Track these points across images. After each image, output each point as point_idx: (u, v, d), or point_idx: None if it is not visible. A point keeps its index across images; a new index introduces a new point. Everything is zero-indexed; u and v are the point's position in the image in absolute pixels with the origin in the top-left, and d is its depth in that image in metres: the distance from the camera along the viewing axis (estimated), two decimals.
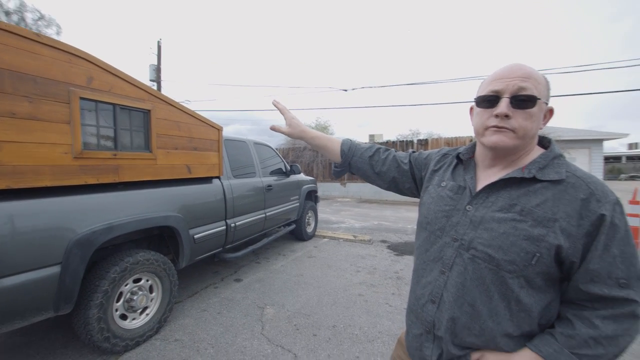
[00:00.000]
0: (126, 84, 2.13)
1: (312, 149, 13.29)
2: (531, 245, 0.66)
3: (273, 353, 2.20)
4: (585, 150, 16.15)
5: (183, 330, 2.48)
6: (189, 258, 2.74)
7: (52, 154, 1.73)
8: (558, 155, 0.72)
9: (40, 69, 1.66)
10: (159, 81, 12.56)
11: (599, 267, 0.64)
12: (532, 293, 0.68)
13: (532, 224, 0.66)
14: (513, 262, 0.67)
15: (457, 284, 0.74)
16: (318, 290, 3.27)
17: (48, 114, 1.71)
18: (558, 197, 0.66)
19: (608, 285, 0.64)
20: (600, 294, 0.64)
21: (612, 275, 0.64)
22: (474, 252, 0.72)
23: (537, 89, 0.69)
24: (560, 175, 0.68)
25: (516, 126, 0.70)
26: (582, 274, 0.66)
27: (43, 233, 1.71)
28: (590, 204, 0.64)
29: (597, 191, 0.65)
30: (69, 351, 2.19)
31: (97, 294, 1.97)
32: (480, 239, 0.72)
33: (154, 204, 2.37)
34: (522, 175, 0.71)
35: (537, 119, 0.70)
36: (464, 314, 0.73)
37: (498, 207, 0.72)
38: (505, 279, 0.68)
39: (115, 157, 2.09)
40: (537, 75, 0.71)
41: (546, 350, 0.66)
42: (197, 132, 2.79)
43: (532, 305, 0.68)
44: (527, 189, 0.70)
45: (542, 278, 0.68)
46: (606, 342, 0.63)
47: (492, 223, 0.71)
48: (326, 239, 5.57)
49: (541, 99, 0.69)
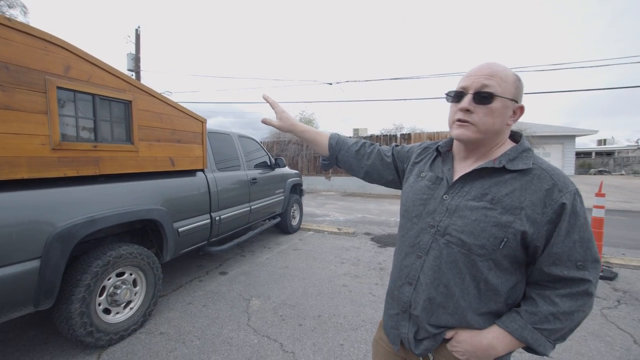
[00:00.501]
0: (106, 74, 2.07)
1: (296, 143, 13.25)
2: (499, 231, 0.72)
3: (259, 343, 2.24)
4: (559, 146, 16.91)
5: (168, 323, 2.48)
6: (174, 251, 2.71)
7: (29, 145, 1.67)
8: (527, 149, 0.79)
9: (13, 56, 1.59)
10: (138, 71, 12.10)
11: (560, 251, 0.71)
12: (500, 274, 0.75)
13: (500, 212, 0.73)
14: (483, 247, 0.73)
15: (434, 267, 0.80)
16: (303, 282, 3.33)
17: (23, 103, 1.64)
18: (525, 187, 0.73)
19: (567, 267, 0.71)
20: (560, 275, 0.72)
21: (572, 258, 0.71)
22: (448, 237, 0.78)
23: (501, 87, 0.74)
24: (527, 165, 0.74)
25: (477, 120, 0.76)
26: (546, 257, 0.72)
27: (20, 227, 1.65)
28: (553, 194, 0.70)
29: (559, 182, 0.71)
30: (49, 347, 2.15)
31: (79, 288, 1.94)
32: (454, 225, 0.78)
33: (136, 197, 2.33)
34: (493, 165, 0.77)
35: (500, 114, 0.75)
36: (440, 294, 0.79)
37: (472, 196, 0.78)
38: (475, 262, 0.75)
39: (95, 148, 2.03)
40: (504, 74, 0.75)
41: (512, 326, 0.74)
42: (180, 124, 2.75)
43: (499, 285, 0.75)
44: (498, 179, 0.76)
45: (509, 261, 0.75)
46: (563, 317, 0.71)
47: (465, 211, 0.77)
48: (311, 232, 5.62)
49: (503, 96, 0.74)
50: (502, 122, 0.77)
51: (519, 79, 0.77)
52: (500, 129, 0.78)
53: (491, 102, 0.74)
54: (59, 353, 2.08)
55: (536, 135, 12.23)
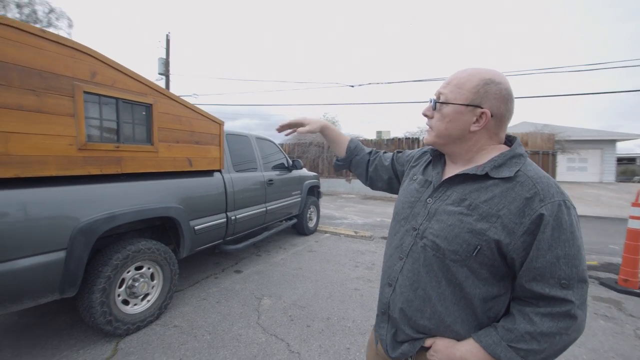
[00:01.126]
0: (129, 79, 2.20)
1: (317, 145, 13.32)
2: (473, 238, 0.70)
3: (267, 341, 2.27)
4: (597, 151, 15.80)
5: (182, 317, 2.58)
6: (190, 248, 2.83)
7: (57, 145, 1.82)
8: (517, 155, 0.74)
9: (45, 64, 1.74)
10: (168, 75, 12.72)
11: (541, 266, 0.66)
12: (478, 284, 0.73)
13: (476, 218, 0.71)
14: (456, 252, 0.72)
15: (412, 269, 0.80)
16: (315, 284, 3.34)
17: (53, 106, 1.79)
18: (504, 195, 0.69)
19: (550, 284, 0.66)
20: (542, 293, 0.67)
21: (555, 275, 0.65)
22: (425, 240, 0.78)
23: (453, 94, 0.75)
24: (510, 173, 0.71)
25: (433, 125, 0.81)
26: (526, 272, 0.68)
27: (50, 220, 1.80)
28: (533, 203, 0.66)
29: (542, 191, 0.67)
30: (74, 332, 2.31)
31: (100, 279, 2.07)
32: (431, 229, 0.77)
33: (155, 195, 2.45)
34: (475, 172, 0.74)
35: (453, 120, 0.76)
36: (417, 297, 0.79)
37: (451, 201, 0.77)
38: (449, 267, 0.74)
39: (117, 149, 2.17)
40: (462, 81, 0.75)
41: (486, 340, 0.70)
42: (198, 126, 2.86)
43: (473, 295, 0.73)
44: (479, 185, 0.74)
45: (488, 271, 0.72)
46: (541, 339, 0.66)
47: (443, 215, 0.76)
48: (328, 234, 5.63)
49: (454, 103, 0.75)
50: (458, 128, 0.76)
51: (486, 84, 0.73)
52: (460, 134, 0.77)
53: (442, 108, 0.77)
54: (82, 338, 2.24)
55: (571, 139, 11.50)
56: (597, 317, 2.76)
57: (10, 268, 1.64)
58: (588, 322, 2.65)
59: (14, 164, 1.65)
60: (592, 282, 3.57)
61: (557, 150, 10.23)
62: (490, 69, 0.76)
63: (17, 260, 1.66)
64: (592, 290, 3.33)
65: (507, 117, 0.76)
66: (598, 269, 3.99)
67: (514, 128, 18.73)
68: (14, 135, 1.65)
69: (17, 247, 1.66)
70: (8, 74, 1.62)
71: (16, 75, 1.64)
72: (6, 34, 1.61)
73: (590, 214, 8.61)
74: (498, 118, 0.75)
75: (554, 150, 9.48)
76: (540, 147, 9.25)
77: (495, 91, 0.73)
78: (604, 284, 3.46)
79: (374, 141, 12.50)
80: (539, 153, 9.18)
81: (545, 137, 9.38)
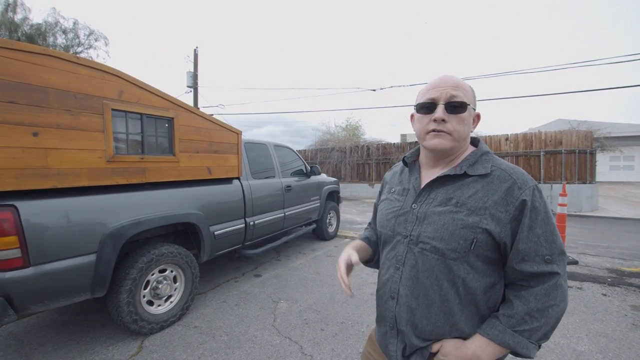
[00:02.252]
0: (152, 95, 2.40)
1: (339, 150, 13.37)
2: (468, 232, 0.73)
3: (281, 344, 2.33)
4: None
5: (203, 318, 2.71)
6: (210, 253, 2.97)
7: (89, 159, 2.02)
8: (485, 152, 0.82)
9: (79, 86, 1.95)
10: (196, 87, 13.39)
11: (526, 247, 0.72)
12: (477, 277, 0.76)
13: (467, 214, 0.74)
14: (455, 250, 0.75)
15: (411, 277, 0.81)
16: (332, 288, 3.37)
17: (86, 124, 1.99)
18: (487, 188, 0.75)
19: (536, 262, 0.72)
20: (531, 271, 0.72)
21: (539, 252, 0.72)
22: (422, 245, 0.79)
23: (466, 97, 0.80)
24: (486, 170, 0.77)
25: (451, 129, 0.78)
26: (514, 255, 0.74)
27: (82, 226, 2.00)
28: (513, 192, 0.72)
29: (518, 179, 0.74)
30: (105, 330, 2.51)
31: (126, 281, 2.24)
32: (426, 232, 0.79)
33: (177, 202, 2.62)
34: (455, 172, 0.79)
35: (468, 122, 0.81)
36: (420, 304, 0.79)
37: (438, 202, 0.80)
38: (451, 267, 0.76)
39: (142, 160, 2.36)
40: (464, 85, 0.81)
41: (492, 332, 0.73)
42: (217, 137, 3.03)
43: (476, 289, 0.76)
44: (460, 183, 0.78)
45: (483, 262, 0.75)
46: (538, 314, 0.71)
47: (434, 217, 0.79)
48: (348, 239, 5.63)
49: (470, 105, 0.79)
50: (469, 130, 0.82)
51: (473, 89, 0.83)
52: (466, 136, 0.82)
53: (463, 112, 0.78)
54: (111, 336, 2.42)
55: (611, 136, 10.65)
56: (636, 327, 2.55)
57: (49, 269, 1.84)
58: (625, 332, 2.47)
59: (52, 176, 1.86)
60: (633, 290, 3.30)
61: (596, 149, 9.53)
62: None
63: (54, 262, 1.86)
64: (632, 299, 3.08)
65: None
66: None
67: (547, 126, 17.66)
68: (53, 151, 1.86)
69: (54, 251, 1.86)
70: (48, 98, 1.84)
71: (55, 98, 1.86)
72: (47, 62, 1.83)
73: (635, 217, 7.92)
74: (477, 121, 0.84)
75: (592, 148, 8.82)
76: (576, 146, 8.63)
77: (475, 97, 0.82)
78: None
79: (398, 144, 12.32)
80: (575, 152, 8.57)
81: (581, 134, 8.76)
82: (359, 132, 18.20)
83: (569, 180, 8.66)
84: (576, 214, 8.31)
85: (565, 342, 2.33)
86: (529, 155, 9.22)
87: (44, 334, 2.48)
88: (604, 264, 4.17)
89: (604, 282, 3.49)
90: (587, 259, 4.38)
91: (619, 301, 3.03)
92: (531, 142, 9.26)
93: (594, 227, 6.92)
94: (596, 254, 4.68)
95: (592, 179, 8.71)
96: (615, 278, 3.63)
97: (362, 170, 12.99)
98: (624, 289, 3.34)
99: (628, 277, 3.65)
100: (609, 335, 2.44)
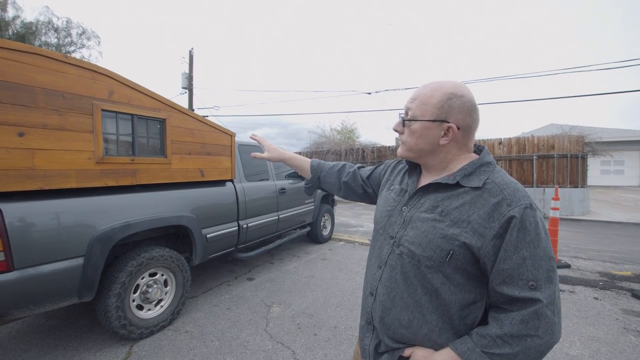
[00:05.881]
0: (143, 96, 2.36)
1: (335, 153, 13.38)
2: (446, 243, 0.71)
3: (273, 349, 2.30)
4: (635, 152, 14.76)
5: (194, 323, 2.66)
6: (202, 256, 2.93)
7: (78, 160, 1.98)
8: (486, 163, 0.77)
9: (67, 86, 1.91)
10: (191, 89, 13.31)
11: (509, 268, 0.67)
12: (454, 290, 0.73)
13: (448, 224, 0.72)
14: (430, 258, 0.73)
15: (390, 277, 0.81)
16: (325, 292, 3.34)
17: (74, 124, 1.95)
18: (474, 201, 0.72)
19: (519, 286, 0.66)
20: (512, 295, 0.67)
21: (523, 276, 0.66)
22: (402, 248, 0.79)
23: (419, 110, 0.77)
24: (479, 183, 0.73)
25: (404, 140, 0.83)
26: (496, 275, 0.69)
27: (70, 229, 1.95)
28: (501, 208, 0.68)
29: (509, 196, 0.69)
30: (93, 335, 2.45)
31: (115, 285, 2.19)
32: (407, 236, 0.79)
33: (168, 204, 2.58)
34: (447, 181, 0.77)
35: (422, 135, 0.78)
36: (395, 306, 0.79)
37: (425, 208, 0.78)
38: (425, 274, 0.75)
39: (133, 162, 2.31)
40: (428, 96, 0.77)
41: (461, 348, 0.70)
42: (210, 138, 2.99)
43: (450, 302, 0.73)
44: (451, 193, 0.76)
45: (463, 276, 0.72)
46: (512, 341, 0.65)
47: (417, 222, 0.78)
48: (342, 242, 5.61)
49: (421, 119, 0.77)
50: (428, 142, 0.79)
51: (450, 98, 0.75)
52: (431, 148, 0.79)
53: (411, 125, 0.79)
54: (99, 341, 2.37)
55: (603, 141, 10.82)
56: (627, 332, 2.56)
57: (34, 273, 1.79)
58: (616, 336, 2.48)
59: (39, 178, 1.81)
60: (624, 294, 3.33)
61: (588, 153, 9.67)
62: (452, 81, 0.78)
63: (40, 266, 1.81)
64: (623, 302, 3.11)
65: (473, 128, 0.78)
66: (632, 280, 3.72)
67: (540, 130, 17.90)
68: (39, 152, 1.81)
69: (40, 254, 1.81)
70: (35, 97, 1.79)
71: (42, 97, 1.82)
72: (34, 61, 1.79)
73: (625, 220, 8.03)
74: (465, 130, 0.77)
75: (584, 153, 8.95)
76: (568, 150, 8.75)
77: (459, 105, 0.75)
78: (638, 297, 3.22)
79: (393, 147, 12.37)
80: (567, 156, 8.69)
81: (573, 139, 8.88)
82: (354, 135, 18.26)
83: (561, 184, 8.76)
84: (568, 217, 8.41)
85: (558, 346, 2.33)
86: (522, 159, 9.31)
87: (28, 339, 2.41)
88: (595, 267, 4.20)
89: (595, 286, 3.52)
90: (579, 262, 4.42)
91: (610, 305, 3.05)
92: (524, 146, 9.36)
93: (585, 230, 6.99)
94: (588, 257, 4.72)
95: (583, 183, 8.83)
96: (607, 282, 3.66)
97: None
98: (615, 292, 3.36)
99: (619, 281, 3.68)
100: (600, 339, 2.45)
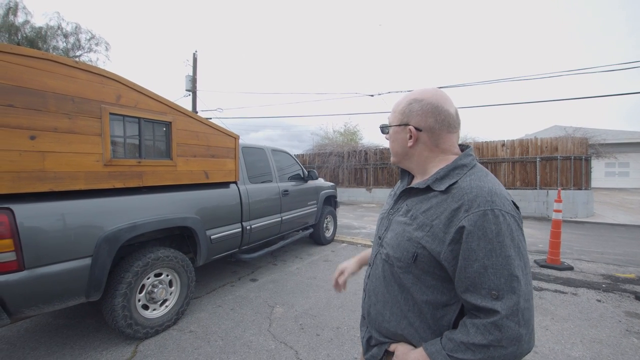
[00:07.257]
0: (150, 100, 2.41)
1: (337, 155, 13.40)
2: (411, 246, 0.75)
3: (276, 349, 2.33)
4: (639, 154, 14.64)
5: (198, 322, 2.70)
6: (206, 257, 2.96)
7: (86, 162, 2.03)
8: (460, 166, 0.77)
9: (77, 90, 1.97)
10: (195, 91, 13.43)
11: (470, 277, 0.66)
12: (425, 291, 0.75)
13: (415, 227, 0.76)
14: (399, 259, 0.78)
15: (374, 275, 0.88)
16: (328, 293, 3.36)
17: (83, 128, 2.00)
18: (439, 206, 0.73)
19: (482, 295, 0.65)
20: (474, 304, 0.67)
21: (485, 285, 0.65)
22: (382, 249, 0.86)
23: (391, 117, 0.87)
24: (443, 187, 0.74)
25: (389, 147, 0.90)
26: (459, 282, 0.69)
27: (78, 230, 1.99)
28: (458, 214, 0.69)
29: (468, 202, 0.68)
30: (100, 334, 2.49)
31: (122, 285, 2.24)
32: (386, 238, 0.85)
33: (174, 206, 2.62)
34: (417, 185, 0.81)
35: (396, 140, 0.86)
36: (378, 301, 0.85)
37: (402, 212, 0.84)
38: (398, 274, 0.80)
39: (139, 164, 2.36)
40: (397, 105, 0.86)
41: (430, 349, 0.72)
42: (214, 141, 3.04)
43: (422, 302, 0.76)
44: (423, 197, 0.79)
45: (433, 278, 0.74)
46: (475, 349, 0.65)
47: (394, 225, 0.84)
48: (345, 244, 5.63)
49: (391, 125, 0.86)
50: (399, 146, 0.85)
51: (410, 103, 0.81)
52: (403, 152, 0.85)
53: (388, 132, 0.88)
54: (106, 340, 2.41)
55: (606, 143, 10.76)
56: (630, 334, 2.56)
57: (44, 273, 1.83)
58: (619, 338, 2.48)
59: (49, 179, 1.86)
60: (627, 296, 3.32)
61: (591, 155, 9.62)
62: (424, 89, 0.82)
63: (49, 265, 1.85)
64: (626, 305, 3.10)
65: (439, 129, 0.78)
66: (635, 283, 3.70)
67: (543, 132, 17.82)
68: (50, 154, 1.86)
69: (50, 254, 1.86)
70: (47, 101, 1.85)
71: (53, 102, 1.87)
72: (46, 66, 1.85)
73: (630, 223, 7.98)
74: (429, 131, 0.79)
75: (588, 155, 8.91)
76: (572, 152, 8.72)
77: (417, 108, 0.80)
78: None
79: None
80: (571, 158, 8.66)
81: (577, 141, 8.85)
82: (356, 137, 18.26)
83: (564, 186, 8.73)
84: (572, 219, 8.36)
85: (560, 348, 2.34)
86: (525, 161, 9.29)
87: (37, 337, 2.46)
88: (599, 270, 4.19)
89: (598, 288, 3.51)
90: (582, 264, 4.40)
91: (613, 307, 3.05)
92: (527, 148, 9.34)
93: (589, 233, 6.96)
94: (591, 260, 4.70)
95: (587, 185, 8.78)
96: (610, 284, 3.65)
97: (359, 175, 13.02)
98: (618, 295, 3.35)
99: (622, 283, 3.67)
100: (603, 341, 2.45)
